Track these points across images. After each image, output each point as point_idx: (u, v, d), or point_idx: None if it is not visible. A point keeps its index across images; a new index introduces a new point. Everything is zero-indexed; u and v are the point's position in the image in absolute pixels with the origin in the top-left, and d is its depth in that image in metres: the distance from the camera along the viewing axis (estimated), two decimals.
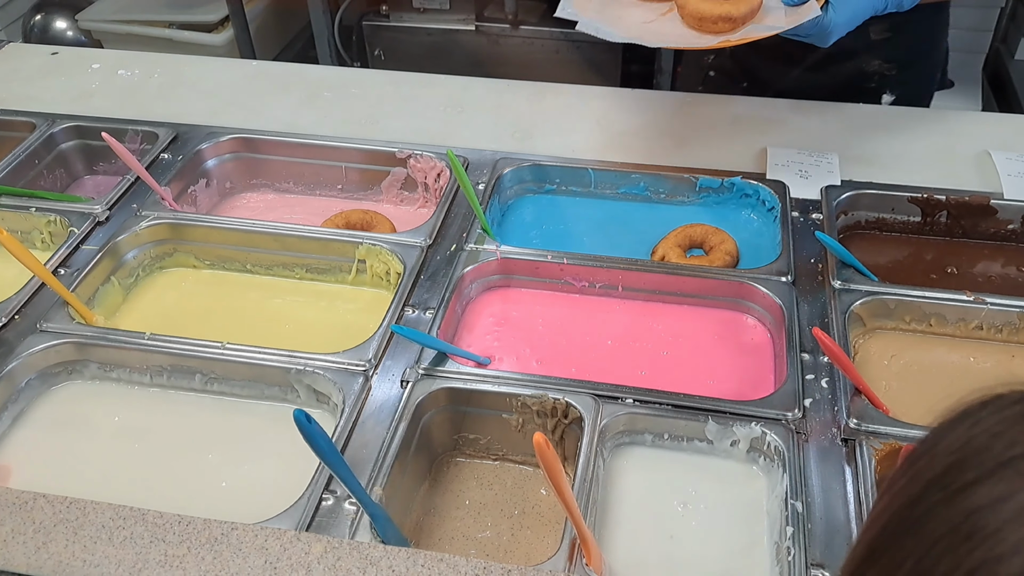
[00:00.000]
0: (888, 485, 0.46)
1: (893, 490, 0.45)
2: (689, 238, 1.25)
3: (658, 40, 1.19)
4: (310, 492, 0.90)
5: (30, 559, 0.71)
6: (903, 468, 0.46)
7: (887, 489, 0.46)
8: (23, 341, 1.07)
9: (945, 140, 1.41)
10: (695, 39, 1.15)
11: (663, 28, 1.17)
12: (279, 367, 1.04)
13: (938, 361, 1.10)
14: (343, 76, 1.67)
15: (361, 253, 1.22)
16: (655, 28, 1.18)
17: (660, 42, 1.18)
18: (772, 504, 0.94)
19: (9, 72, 1.66)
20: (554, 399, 1.00)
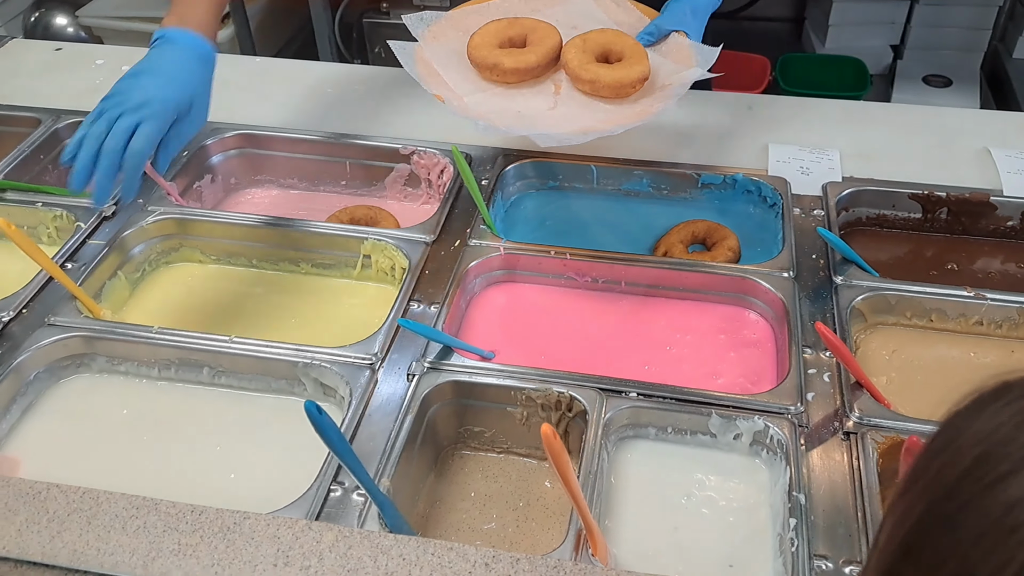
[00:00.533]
0: (909, 480, 0.46)
1: (919, 486, 0.45)
2: (692, 234, 1.26)
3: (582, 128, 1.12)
4: (318, 483, 0.91)
5: (44, 548, 0.72)
6: (925, 462, 0.46)
7: (909, 485, 0.45)
8: (31, 335, 1.08)
9: (946, 137, 1.42)
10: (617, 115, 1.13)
11: (572, 112, 1.14)
12: (286, 360, 1.04)
13: (939, 356, 1.11)
14: (346, 72, 1.68)
15: (367, 248, 1.23)
16: (564, 113, 1.14)
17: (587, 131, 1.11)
18: (775, 497, 0.95)
19: (13, 67, 1.67)
20: (558, 393, 1.01)
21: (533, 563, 0.71)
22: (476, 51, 1.18)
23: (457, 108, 1.13)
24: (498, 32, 1.20)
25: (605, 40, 1.19)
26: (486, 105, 1.15)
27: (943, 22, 2.72)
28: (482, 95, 1.17)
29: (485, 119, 1.11)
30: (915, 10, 2.73)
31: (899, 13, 2.75)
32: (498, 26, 1.20)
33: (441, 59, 1.20)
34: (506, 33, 1.20)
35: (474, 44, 1.18)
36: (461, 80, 1.18)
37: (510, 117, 1.13)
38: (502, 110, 1.14)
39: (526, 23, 1.22)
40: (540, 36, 1.20)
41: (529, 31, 1.21)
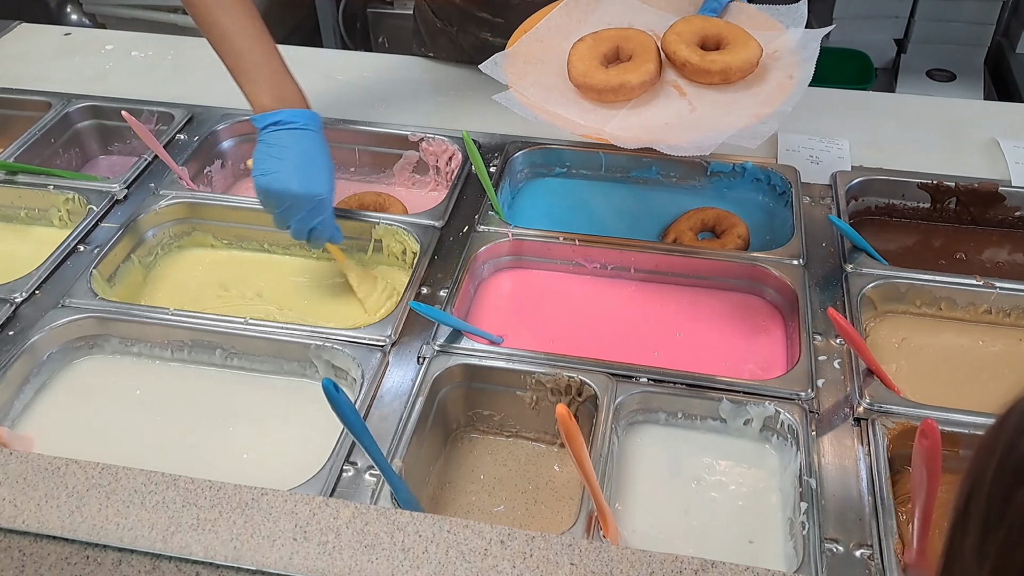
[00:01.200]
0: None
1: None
2: (701, 221, 1.27)
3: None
4: (331, 463, 0.92)
5: (64, 522, 0.72)
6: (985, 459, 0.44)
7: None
8: (45, 315, 1.08)
9: (955, 128, 1.42)
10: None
11: (715, 109, 1.10)
12: (299, 342, 1.05)
13: (948, 344, 1.12)
14: (355, 60, 1.68)
15: (378, 233, 1.23)
16: (708, 112, 1.10)
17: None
18: (785, 481, 0.96)
19: (23, 52, 1.67)
20: (568, 377, 1.02)
21: (548, 541, 0.71)
22: (589, 78, 1.11)
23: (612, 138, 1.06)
24: (591, 53, 1.13)
25: (695, 28, 1.14)
26: (630, 128, 1.09)
27: (947, 16, 2.72)
28: (617, 120, 1.10)
29: (660, 141, 1.04)
30: (919, 4, 2.73)
31: (903, 7, 2.75)
32: (586, 47, 1.14)
33: (547, 97, 1.13)
34: (598, 50, 1.13)
35: (581, 71, 1.11)
36: (584, 112, 1.12)
37: (673, 133, 1.07)
38: (650, 128, 1.08)
39: (611, 35, 1.15)
40: (637, 43, 1.14)
41: (619, 42, 1.15)
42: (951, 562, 0.46)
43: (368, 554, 0.71)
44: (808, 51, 1.11)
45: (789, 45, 1.13)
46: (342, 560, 0.70)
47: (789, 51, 1.12)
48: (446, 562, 0.70)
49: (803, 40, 1.12)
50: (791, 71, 1.10)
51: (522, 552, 0.71)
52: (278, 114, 1.12)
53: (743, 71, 1.11)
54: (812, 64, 1.09)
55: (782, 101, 1.06)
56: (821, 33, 1.12)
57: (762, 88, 1.10)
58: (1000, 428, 0.45)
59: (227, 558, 0.70)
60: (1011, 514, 0.42)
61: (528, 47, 1.20)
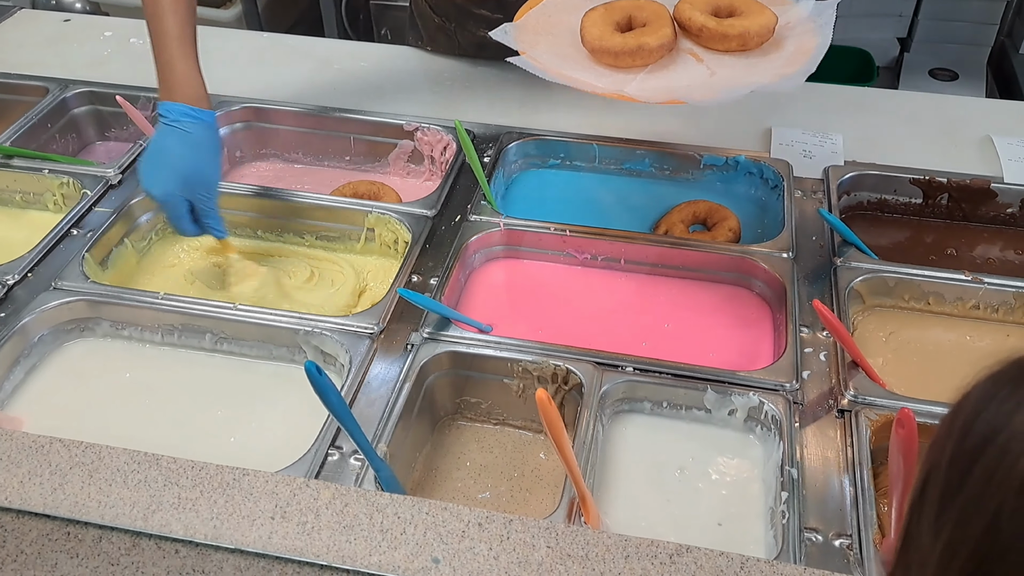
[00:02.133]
0: (955, 479, 0.44)
1: (979, 484, 0.43)
2: (693, 214, 1.27)
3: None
4: (316, 447, 0.92)
5: (47, 499, 0.73)
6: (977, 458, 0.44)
7: (959, 484, 0.44)
8: (37, 297, 1.09)
9: (948, 125, 1.42)
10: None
11: (735, 72, 1.11)
12: (288, 328, 1.06)
13: (935, 339, 1.12)
14: (353, 50, 1.68)
15: (371, 222, 1.24)
16: (728, 75, 1.11)
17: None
18: (768, 471, 0.96)
19: (21, 37, 1.67)
20: (555, 366, 1.02)
21: (525, 524, 0.72)
22: (605, 41, 1.10)
23: (635, 97, 1.06)
24: (605, 20, 1.13)
25: None
26: (650, 90, 1.09)
27: (951, 16, 2.71)
28: (636, 83, 1.09)
29: (686, 96, 1.04)
30: (923, 3, 2.72)
31: (907, 6, 2.75)
32: (599, 15, 1.14)
33: (560, 64, 1.14)
34: (611, 18, 1.14)
35: (596, 36, 1.11)
36: (600, 75, 1.12)
37: (696, 91, 1.07)
38: (672, 89, 1.08)
39: (623, 5, 1.16)
40: (650, 12, 1.14)
41: (632, 11, 1.15)
42: (908, 542, 0.46)
43: (346, 534, 0.71)
44: (824, 18, 1.11)
45: (801, 16, 1.14)
46: (320, 540, 0.71)
47: (802, 21, 1.13)
48: (423, 543, 0.71)
49: (816, 9, 1.13)
50: (807, 38, 1.11)
51: (499, 535, 0.72)
52: (162, 106, 1.11)
53: (760, 36, 1.11)
54: (830, 29, 1.09)
55: (804, 62, 1.07)
56: (835, 2, 1.12)
57: (779, 54, 1.11)
58: (956, 412, 0.45)
59: (207, 536, 0.71)
60: (966, 490, 0.42)
61: (537, 20, 1.20)
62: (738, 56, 1.12)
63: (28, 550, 0.71)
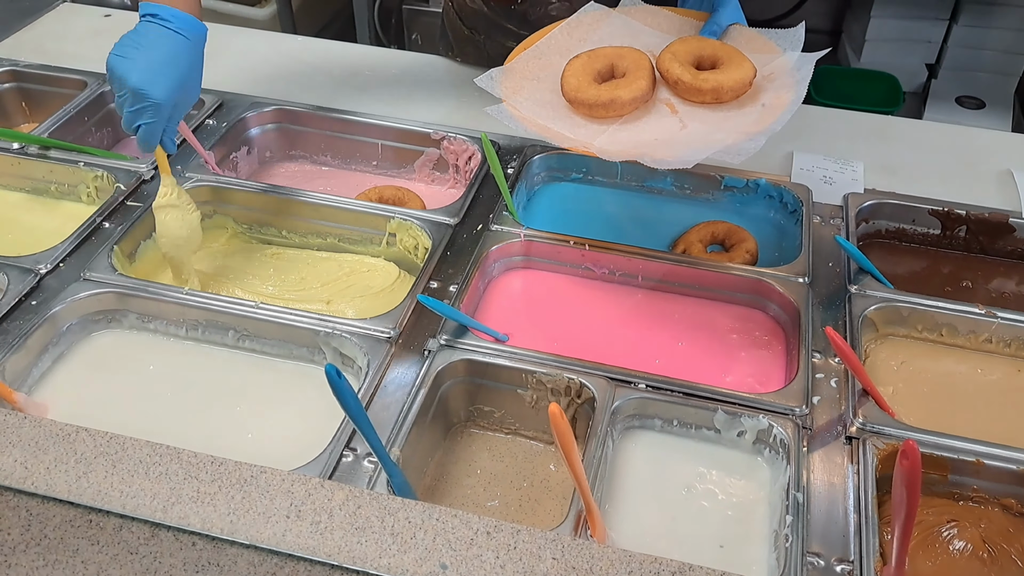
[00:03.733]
0: None
1: None
2: (711, 234, 1.29)
3: None
4: (331, 448, 0.94)
5: (71, 487, 0.75)
6: None
7: None
8: (67, 288, 1.12)
9: (969, 157, 1.43)
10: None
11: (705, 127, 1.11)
12: (309, 328, 1.08)
13: (946, 370, 1.13)
14: (384, 57, 1.71)
15: (392, 227, 1.26)
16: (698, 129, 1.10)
17: None
18: (774, 494, 0.98)
19: (62, 31, 1.71)
20: (569, 379, 1.04)
21: (533, 535, 0.74)
22: (581, 93, 1.12)
23: (600, 152, 1.07)
24: (585, 69, 1.14)
25: (691, 48, 1.15)
26: (620, 143, 1.10)
27: (980, 44, 2.71)
28: (607, 135, 1.11)
29: (647, 155, 1.05)
30: (952, 30, 2.72)
31: (936, 32, 2.74)
32: (581, 64, 1.15)
33: (540, 111, 1.15)
34: (592, 67, 1.15)
35: (573, 87, 1.13)
36: (575, 126, 1.13)
37: (661, 148, 1.08)
38: (640, 143, 1.09)
39: (606, 53, 1.17)
40: (631, 62, 1.15)
41: (614, 59, 1.16)
42: None
43: (358, 536, 0.73)
44: (802, 73, 1.11)
45: (785, 67, 1.14)
46: (332, 540, 0.73)
47: (785, 73, 1.13)
48: (432, 548, 0.72)
49: (799, 62, 1.13)
50: (783, 92, 1.11)
51: (507, 544, 0.73)
52: (159, 8, 1.11)
53: (735, 91, 1.11)
54: (805, 86, 1.09)
55: (773, 120, 1.07)
56: (815, 57, 1.13)
57: (754, 108, 1.11)
58: None
59: (223, 531, 0.73)
60: None
61: (526, 63, 1.22)
62: (713, 109, 1.12)
63: (51, 535, 0.74)
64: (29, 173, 1.36)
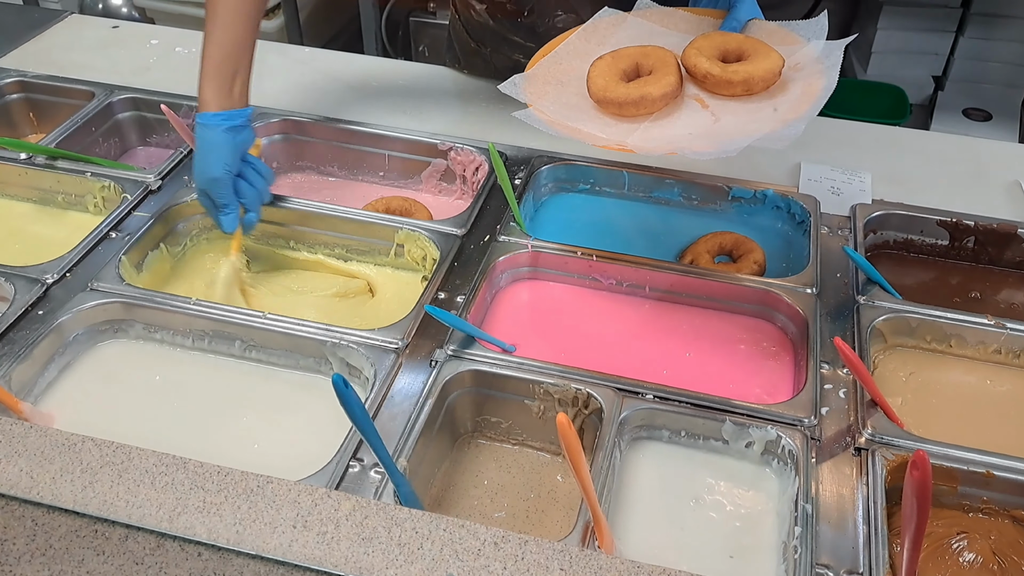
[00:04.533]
0: None
1: None
2: (719, 245, 1.28)
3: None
4: (338, 459, 0.94)
5: (77, 496, 0.75)
6: None
7: None
8: (74, 297, 1.12)
9: (978, 168, 1.43)
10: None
11: (739, 118, 1.10)
12: (315, 339, 1.08)
13: (955, 381, 1.12)
14: (392, 68, 1.71)
15: (400, 238, 1.26)
16: (732, 122, 1.09)
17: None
18: (782, 505, 0.97)
19: (71, 42, 1.72)
20: (576, 389, 1.04)
21: (540, 545, 0.73)
22: (610, 92, 1.11)
23: (636, 149, 1.06)
24: (610, 70, 1.14)
25: (715, 43, 1.14)
26: (653, 140, 1.08)
27: (987, 56, 2.71)
28: (639, 133, 1.10)
29: (684, 148, 1.04)
30: (959, 43, 2.72)
31: (943, 45, 2.75)
32: (606, 64, 1.14)
33: (566, 115, 1.14)
34: (618, 67, 1.14)
35: (601, 87, 1.12)
36: (604, 126, 1.12)
37: (697, 142, 1.07)
38: (673, 139, 1.07)
39: (631, 52, 1.16)
40: (656, 59, 1.14)
41: (639, 58, 1.15)
42: None
43: (365, 547, 0.73)
44: (831, 59, 1.10)
45: (811, 56, 1.13)
46: (339, 551, 0.72)
47: (811, 62, 1.12)
48: (440, 559, 0.72)
49: (825, 51, 1.12)
50: (814, 80, 1.10)
51: (514, 555, 0.73)
52: (200, 116, 1.21)
53: (765, 81, 1.10)
54: (836, 71, 1.08)
55: (808, 107, 1.06)
56: (844, 43, 1.12)
57: (785, 97, 1.10)
58: None
59: (229, 541, 0.73)
60: None
61: (547, 69, 1.21)
62: (743, 101, 1.11)
63: (57, 545, 0.73)
64: (36, 183, 1.36)
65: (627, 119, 1.12)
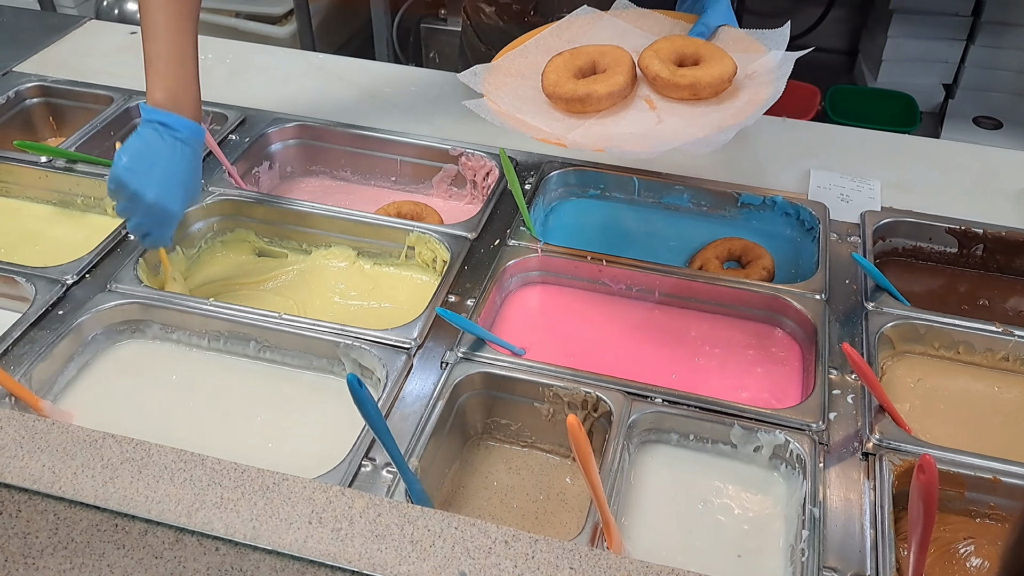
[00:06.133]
0: None
1: None
2: (728, 251, 1.29)
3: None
4: (351, 458, 0.95)
5: (98, 492, 0.77)
6: None
7: None
8: (93, 298, 1.14)
9: (986, 175, 1.43)
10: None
11: (682, 121, 1.12)
12: (329, 340, 1.09)
13: (963, 388, 1.13)
14: (403, 73, 1.73)
15: (411, 240, 1.28)
16: (675, 123, 1.11)
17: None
18: (790, 509, 0.98)
19: (89, 47, 1.75)
20: (585, 392, 1.05)
21: (551, 545, 0.74)
22: (559, 88, 1.13)
23: (572, 144, 1.09)
24: (566, 66, 1.16)
25: (675, 46, 1.16)
26: (593, 136, 1.11)
27: (997, 64, 2.72)
28: (583, 128, 1.12)
29: (616, 146, 1.07)
30: (970, 51, 2.73)
31: (953, 52, 2.75)
32: (563, 60, 1.17)
33: (519, 106, 1.17)
34: (574, 64, 1.16)
35: (552, 82, 1.14)
36: (551, 120, 1.14)
37: (634, 141, 1.09)
38: (613, 136, 1.11)
39: (588, 51, 1.18)
40: (612, 58, 1.17)
41: (596, 57, 1.18)
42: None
43: (378, 543, 0.74)
44: (782, 70, 1.12)
45: (768, 66, 1.14)
46: (353, 547, 0.74)
47: (767, 71, 1.14)
48: (451, 557, 0.73)
49: (781, 61, 1.14)
50: (763, 89, 1.11)
51: (525, 553, 0.74)
52: (167, 116, 1.13)
53: (712, 87, 1.12)
54: (783, 82, 1.09)
55: (748, 115, 1.08)
56: (796, 56, 1.13)
57: (732, 103, 1.12)
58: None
59: (246, 536, 0.74)
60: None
61: (512, 61, 1.24)
62: (691, 104, 1.13)
63: (78, 539, 0.75)
64: (56, 186, 1.38)
65: (576, 115, 1.15)
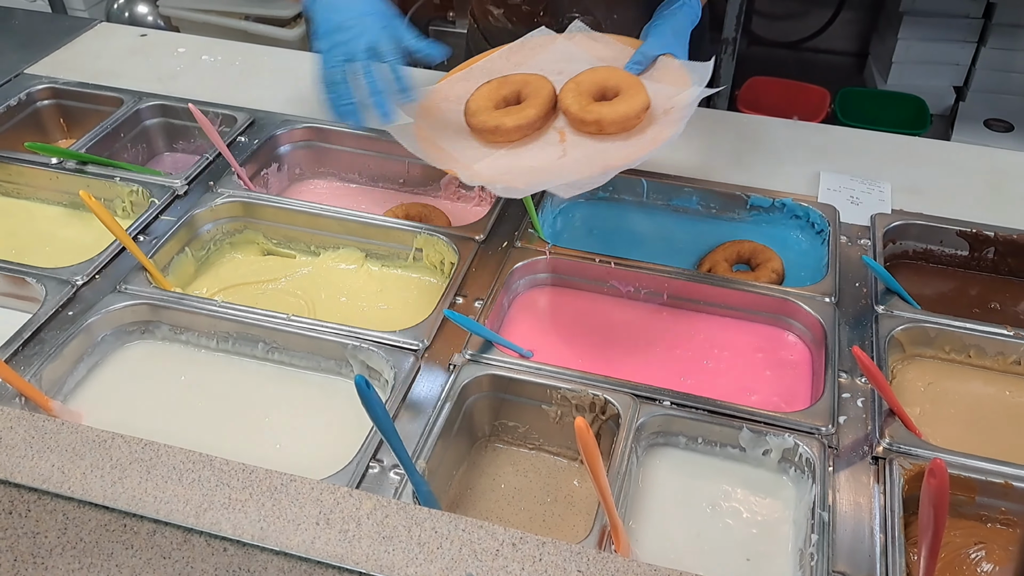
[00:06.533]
0: None
1: None
2: (737, 253, 1.29)
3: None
4: (358, 460, 0.95)
5: (107, 492, 0.77)
6: None
7: None
8: (103, 299, 1.14)
9: (998, 178, 1.43)
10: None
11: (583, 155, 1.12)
12: (337, 341, 1.09)
13: (974, 392, 1.12)
14: (411, 76, 1.73)
15: (419, 242, 1.28)
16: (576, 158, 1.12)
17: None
18: (799, 513, 0.97)
19: (100, 49, 1.76)
20: (593, 395, 1.05)
21: (558, 547, 0.74)
22: (474, 117, 1.16)
23: (470, 177, 1.11)
24: (491, 95, 1.18)
25: (598, 78, 1.17)
26: (496, 168, 1.13)
27: (1008, 67, 2.70)
28: (490, 159, 1.14)
29: (502, 182, 1.09)
30: (981, 53, 2.72)
31: (964, 55, 2.74)
32: (489, 89, 1.19)
33: (440, 133, 1.19)
34: (499, 93, 1.18)
35: (471, 111, 1.17)
36: (466, 148, 1.16)
37: (525, 175, 1.11)
38: (513, 169, 1.12)
39: (515, 79, 1.20)
40: (533, 89, 1.18)
41: (521, 86, 1.19)
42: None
43: (385, 545, 0.74)
44: (688, 110, 1.11)
45: (685, 101, 1.14)
46: (360, 548, 0.74)
47: (683, 107, 1.13)
48: (459, 559, 0.73)
49: (696, 98, 1.13)
50: (668, 128, 1.11)
51: (532, 555, 0.74)
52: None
53: (617, 124, 1.12)
54: (681, 125, 1.09)
55: (636, 157, 1.07)
56: (705, 93, 1.13)
57: (637, 140, 1.12)
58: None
59: (254, 537, 0.74)
60: None
61: (451, 85, 1.24)
62: (599, 139, 1.13)
63: (87, 538, 0.75)
64: (66, 187, 1.39)
65: (491, 145, 1.16)
